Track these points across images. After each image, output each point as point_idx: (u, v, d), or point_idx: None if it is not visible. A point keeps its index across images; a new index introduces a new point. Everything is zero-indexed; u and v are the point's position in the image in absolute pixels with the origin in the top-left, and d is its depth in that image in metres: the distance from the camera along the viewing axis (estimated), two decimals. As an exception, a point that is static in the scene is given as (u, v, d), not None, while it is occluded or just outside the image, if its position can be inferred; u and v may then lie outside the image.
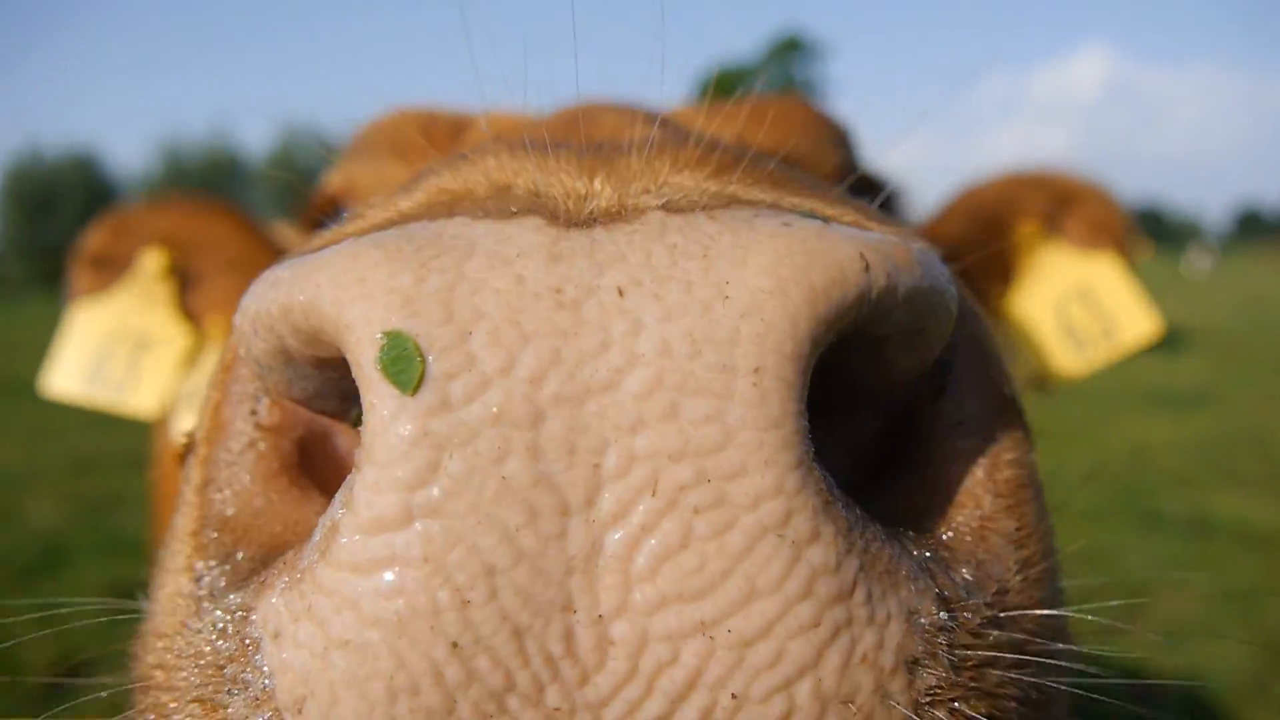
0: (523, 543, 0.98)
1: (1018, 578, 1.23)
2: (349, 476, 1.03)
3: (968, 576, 1.14)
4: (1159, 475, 13.26)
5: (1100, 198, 3.27)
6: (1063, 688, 1.31)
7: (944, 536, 1.17)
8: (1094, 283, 3.30)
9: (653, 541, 0.99)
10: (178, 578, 1.23)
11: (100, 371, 3.24)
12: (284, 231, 5.37)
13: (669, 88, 1.33)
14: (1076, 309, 3.32)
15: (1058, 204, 3.27)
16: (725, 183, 1.20)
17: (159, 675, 1.25)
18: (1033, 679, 1.21)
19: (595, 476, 0.99)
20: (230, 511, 1.21)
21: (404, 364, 0.97)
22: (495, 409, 0.99)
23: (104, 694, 1.45)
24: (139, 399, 3.14)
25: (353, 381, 1.03)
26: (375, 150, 2.39)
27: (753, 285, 1.01)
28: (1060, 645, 1.31)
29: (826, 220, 1.10)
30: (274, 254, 3.14)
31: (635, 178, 1.16)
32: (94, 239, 3.21)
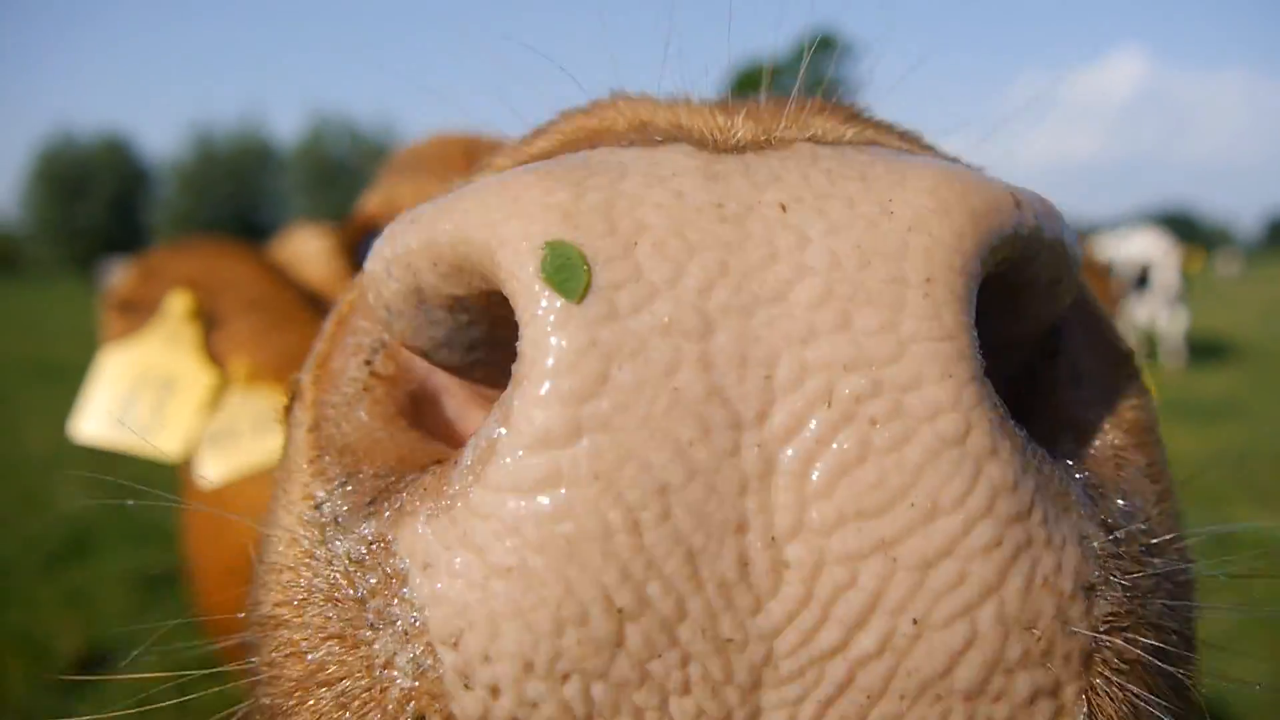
0: (696, 459, 0.95)
1: (1156, 510, 1.20)
2: (504, 393, 0.98)
3: (1121, 504, 1.11)
4: (1181, 489, 13.16)
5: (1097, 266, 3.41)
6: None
7: (1088, 468, 1.14)
8: None
9: (829, 456, 0.96)
10: (296, 506, 1.15)
11: (128, 414, 3.26)
12: (308, 232, 5.36)
13: (699, 89, 1.31)
14: None
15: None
16: (862, 128, 1.18)
17: (285, 613, 1.17)
18: (1187, 612, 1.19)
19: (768, 388, 0.96)
20: (351, 439, 1.16)
21: (569, 272, 0.92)
22: (665, 319, 0.96)
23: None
24: (164, 441, 3.15)
25: (485, 327, 1.02)
26: (417, 171, 2.36)
27: (916, 203, 1.00)
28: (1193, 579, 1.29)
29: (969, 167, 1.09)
30: (294, 293, 3.14)
31: (777, 119, 1.14)
32: (123, 284, 3.23)
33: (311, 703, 1.10)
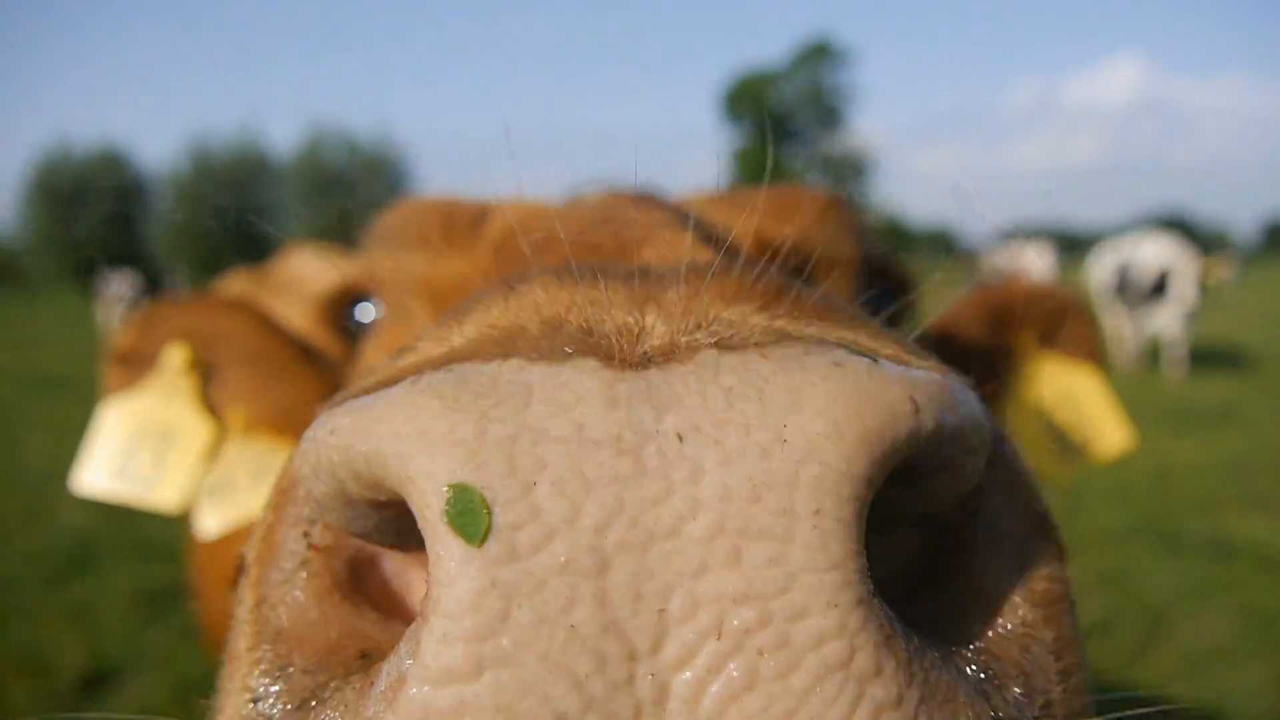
0: (592, 690, 0.99)
1: (1059, 689, 1.23)
2: (413, 627, 1.04)
3: (1018, 693, 1.14)
4: (1181, 497, 13.22)
5: (1088, 316, 3.44)
6: None
7: (990, 648, 1.17)
8: (1079, 393, 3.51)
9: (719, 684, 0.99)
10: (236, 698, 1.23)
11: (127, 467, 3.31)
12: (307, 252, 5.38)
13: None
14: (1062, 415, 3.49)
15: (1053, 318, 3.41)
16: (774, 316, 1.20)
17: None
18: None
19: (662, 621, 1.00)
20: (285, 624, 1.21)
21: (470, 516, 0.98)
22: (562, 558, 1.00)
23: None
24: (164, 492, 3.20)
25: (409, 519, 1.04)
26: (394, 241, 2.41)
27: (809, 429, 1.03)
28: None
29: (874, 358, 1.12)
30: (289, 345, 3.20)
31: (686, 313, 1.18)
32: (123, 337, 3.28)
33: None
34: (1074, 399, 3.28)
